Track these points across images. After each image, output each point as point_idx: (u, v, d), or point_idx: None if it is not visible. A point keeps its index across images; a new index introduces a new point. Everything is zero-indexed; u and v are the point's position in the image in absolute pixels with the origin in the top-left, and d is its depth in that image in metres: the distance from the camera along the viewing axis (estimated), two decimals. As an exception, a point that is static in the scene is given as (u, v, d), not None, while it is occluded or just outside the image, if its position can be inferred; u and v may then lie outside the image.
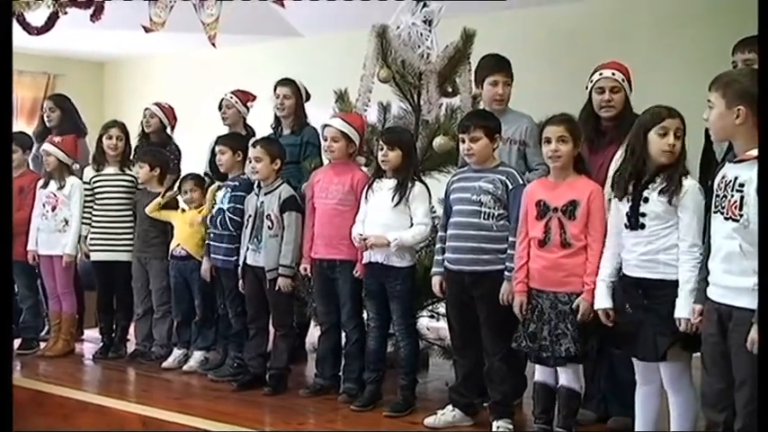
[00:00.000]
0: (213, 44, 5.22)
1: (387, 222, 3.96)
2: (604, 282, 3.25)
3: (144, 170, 5.11)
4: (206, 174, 5.13)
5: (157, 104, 5.57)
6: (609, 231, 3.27)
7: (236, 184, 4.66)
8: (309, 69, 5.32)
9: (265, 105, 5.22)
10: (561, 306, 3.36)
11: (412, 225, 3.95)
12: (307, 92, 5.07)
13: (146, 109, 5.57)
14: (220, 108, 5.31)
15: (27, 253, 5.30)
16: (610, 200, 3.30)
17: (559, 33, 6.09)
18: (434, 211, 4.28)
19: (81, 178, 5.32)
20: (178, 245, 4.88)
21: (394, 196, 3.94)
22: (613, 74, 3.78)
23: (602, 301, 3.26)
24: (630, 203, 3.13)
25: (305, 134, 4.91)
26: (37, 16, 5.93)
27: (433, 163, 4.59)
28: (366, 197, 4.04)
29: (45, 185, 5.34)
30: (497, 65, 4.12)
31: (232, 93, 5.32)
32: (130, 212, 5.20)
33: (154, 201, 5.01)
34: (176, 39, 7.29)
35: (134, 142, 5.49)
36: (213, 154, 4.92)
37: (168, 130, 5.54)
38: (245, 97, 5.33)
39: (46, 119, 5.80)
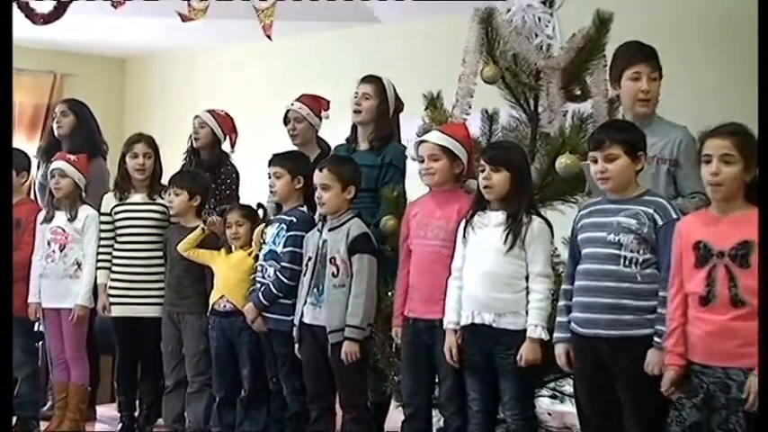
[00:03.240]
0: (268, 36, 5.30)
1: (494, 271, 3.96)
2: None
3: (180, 198, 5.18)
4: (260, 205, 5.18)
5: (210, 112, 5.72)
6: None
7: (293, 219, 4.71)
8: (389, 66, 5.36)
9: (334, 117, 5.29)
10: (735, 388, 3.26)
11: (527, 277, 3.94)
12: (398, 98, 5.10)
13: (195, 117, 5.73)
14: (287, 122, 5.37)
15: (27, 306, 5.41)
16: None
17: (727, 16, 5.99)
18: (557, 255, 4.25)
19: (99, 209, 5.42)
20: (221, 297, 4.94)
21: (506, 237, 3.93)
22: None
23: None
24: None
25: (387, 153, 4.93)
26: (43, 1, 6.12)
27: (556, 190, 4.55)
28: (465, 236, 4.06)
29: (50, 218, 5.44)
30: (639, 52, 4.13)
31: (300, 101, 5.37)
32: (162, 254, 5.29)
33: (189, 235, 5.09)
34: (219, 29, 7.43)
35: (173, 160, 5.64)
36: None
37: (226, 146, 5.71)
38: (318, 105, 5.39)
39: (56, 125, 5.96)
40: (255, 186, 5.52)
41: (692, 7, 6.14)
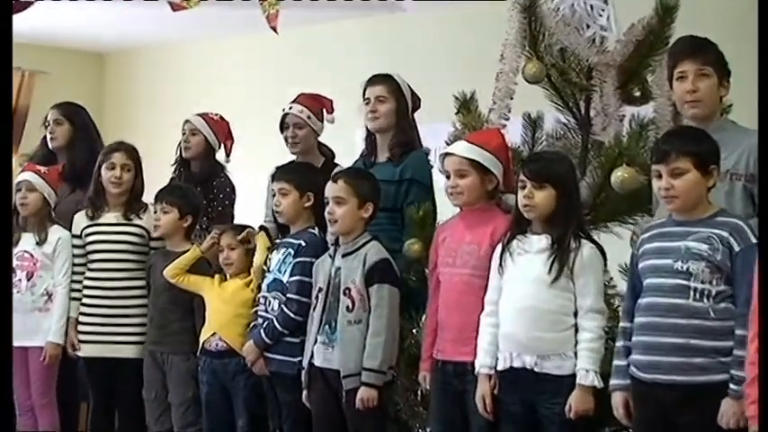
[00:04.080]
0: (274, 28, 5.29)
1: (536, 306, 3.92)
2: None
3: (169, 217, 5.18)
4: (262, 227, 5.16)
5: (203, 116, 5.74)
6: None
7: (302, 243, 4.70)
8: (413, 63, 5.34)
9: (347, 122, 5.26)
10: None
11: (576, 312, 3.91)
12: (414, 95, 5.08)
13: (185, 122, 5.75)
14: (284, 128, 5.35)
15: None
16: None
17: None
18: (613, 287, 4.24)
19: (70, 229, 5.44)
20: (213, 334, 4.94)
21: (551, 265, 3.90)
22: None
23: None
24: None
25: (407, 166, 4.88)
26: (13, -12, 6.14)
27: (611, 209, 4.51)
28: (501, 264, 4.03)
29: (15, 242, 5.38)
30: (684, 49, 4.12)
31: (298, 102, 5.35)
32: (141, 283, 5.30)
33: (180, 257, 5.09)
34: (213, 19, 7.45)
35: (160, 172, 5.63)
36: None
37: (220, 155, 5.72)
38: (320, 105, 5.37)
39: (49, 136, 5.96)
40: (250, 202, 5.51)
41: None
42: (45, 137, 6.03)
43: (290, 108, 5.33)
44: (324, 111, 5.37)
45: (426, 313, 4.37)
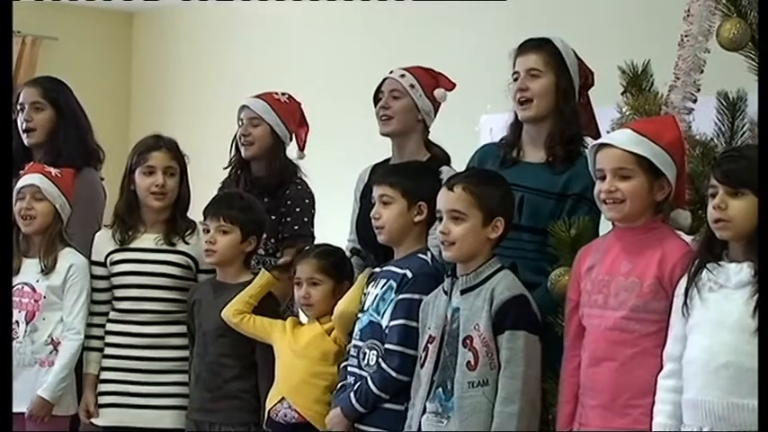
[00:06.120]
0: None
1: (735, 362, 3.87)
2: None
3: (228, 239, 5.19)
4: (355, 250, 5.30)
5: (265, 98, 5.81)
6: None
7: (408, 273, 4.67)
8: (565, 23, 5.23)
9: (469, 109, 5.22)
10: None
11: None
12: (584, 66, 5.01)
13: (242, 108, 5.81)
14: (378, 98, 5.39)
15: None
16: None
17: None
18: None
19: (89, 255, 5.51)
20: (281, 399, 4.96)
21: (757, 305, 3.81)
22: None
23: None
24: None
25: (574, 175, 4.82)
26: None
27: None
28: (687, 303, 3.98)
29: (15, 270, 5.42)
30: None
31: (406, 69, 5.42)
32: (182, 328, 5.34)
33: (244, 291, 5.11)
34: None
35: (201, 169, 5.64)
36: (363, 203, 5.17)
37: (292, 151, 5.84)
38: (430, 77, 5.44)
39: (24, 126, 5.96)
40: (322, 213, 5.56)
41: None
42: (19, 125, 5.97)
43: (391, 73, 5.43)
44: (436, 87, 5.43)
45: (562, 373, 4.35)
